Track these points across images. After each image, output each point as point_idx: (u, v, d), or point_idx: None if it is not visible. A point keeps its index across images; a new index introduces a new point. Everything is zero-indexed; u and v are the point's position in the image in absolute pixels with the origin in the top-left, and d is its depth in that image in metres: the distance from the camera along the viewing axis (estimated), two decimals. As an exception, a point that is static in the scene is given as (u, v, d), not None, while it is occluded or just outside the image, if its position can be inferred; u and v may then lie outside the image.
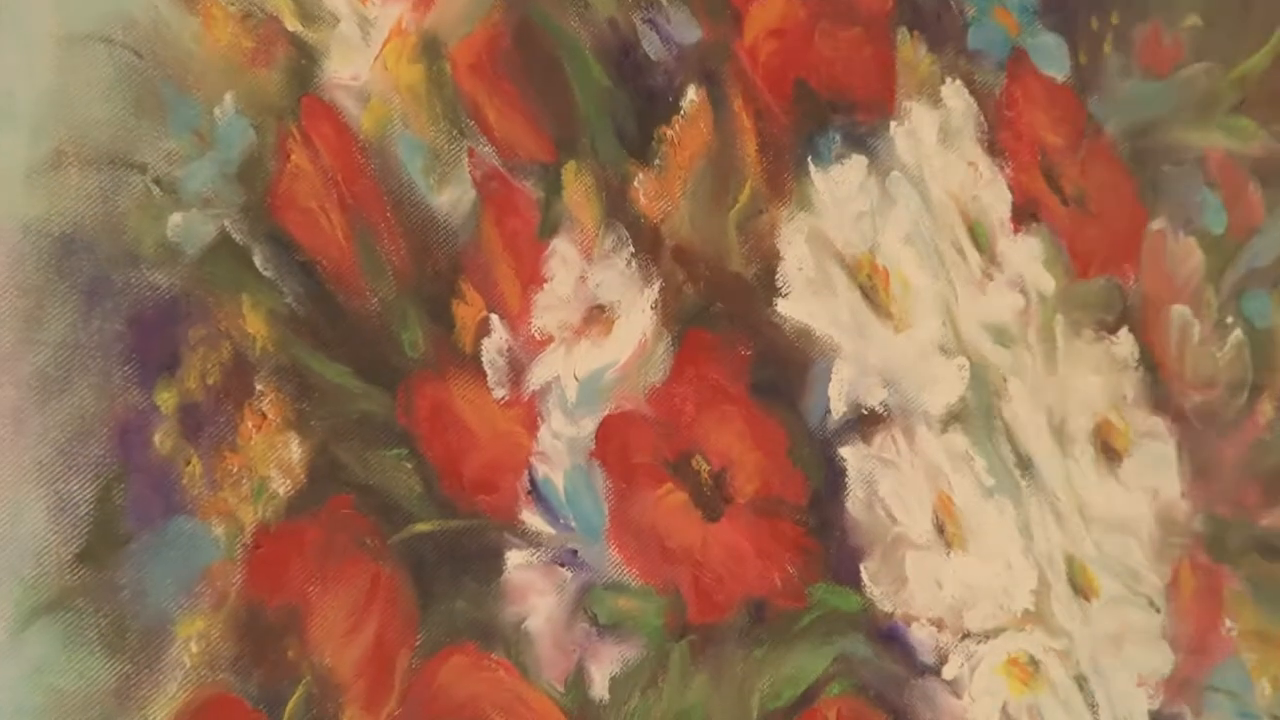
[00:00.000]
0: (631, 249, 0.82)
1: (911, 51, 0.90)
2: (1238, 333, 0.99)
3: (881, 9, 0.90)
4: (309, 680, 0.73)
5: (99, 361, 0.70)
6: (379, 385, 0.76)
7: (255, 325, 0.73)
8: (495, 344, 0.78)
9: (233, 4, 0.73)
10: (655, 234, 0.83)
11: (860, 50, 0.89)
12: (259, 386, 0.73)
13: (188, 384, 0.71)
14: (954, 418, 0.89)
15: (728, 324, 0.84)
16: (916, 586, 0.87)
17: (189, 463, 0.71)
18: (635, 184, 0.83)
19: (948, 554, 0.88)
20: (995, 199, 0.92)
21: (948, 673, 0.88)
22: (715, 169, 0.85)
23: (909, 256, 0.89)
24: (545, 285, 0.80)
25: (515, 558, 0.78)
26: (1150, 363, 0.96)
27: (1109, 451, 0.94)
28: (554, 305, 0.80)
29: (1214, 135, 0.99)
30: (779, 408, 0.85)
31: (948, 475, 0.88)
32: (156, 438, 0.71)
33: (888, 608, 0.87)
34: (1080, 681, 0.91)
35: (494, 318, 0.79)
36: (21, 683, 0.68)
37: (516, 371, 0.79)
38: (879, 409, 0.87)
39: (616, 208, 0.82)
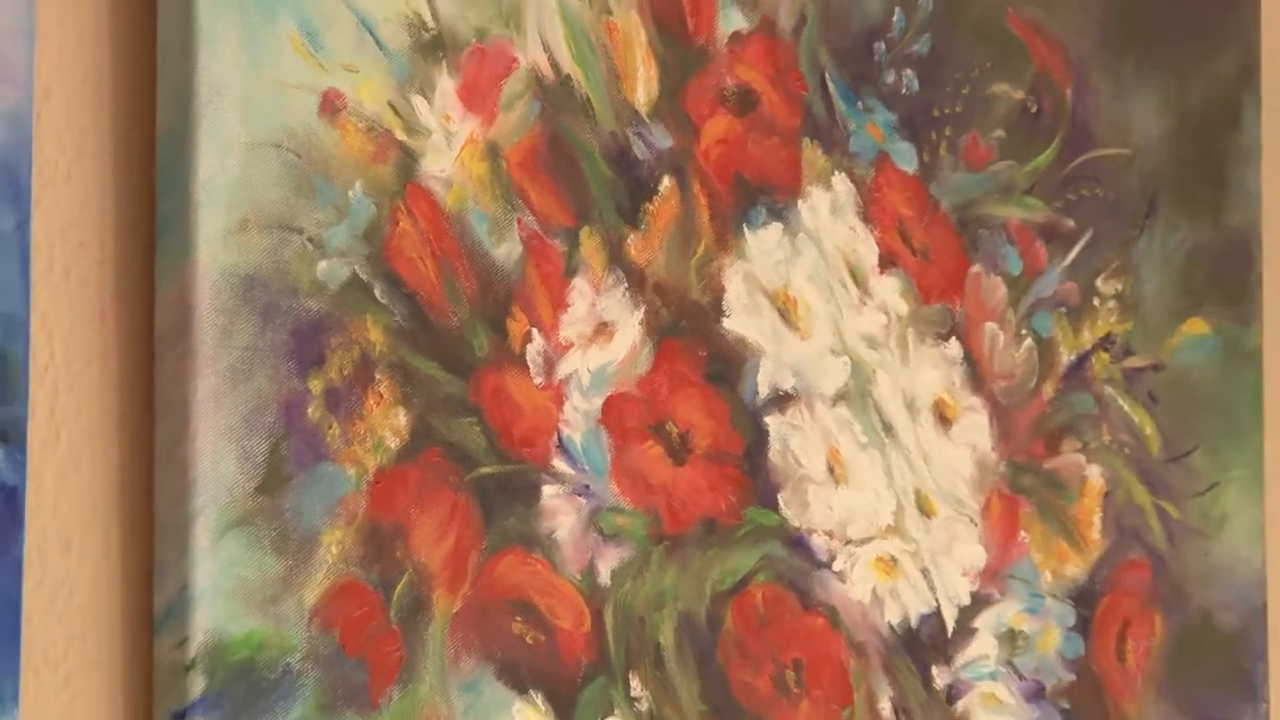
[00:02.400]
0: (626, 285, 0.87)
1: (812, 153, 0.94)
2: (1029, 341, 1.03)
3: (792, 125, 0.93)
4: (411, 571, 0.78)
5: (271, 359, 0.75)
6: (458, 376, 0.81)
7: (375, 335, 0.78)
8: (535, 348, 0.84)
9: (360, 121, 0.77)
10: (642, 275, 0.87)
11: (778, 153, 0.93)
12: (378, 376, 0.78)
13: (330, 374, 0.77)
14: (840, 397, 0.94)
15: (690, 335, 0.89)
16: (815, 509, 0.93)
17: (331, 427, 0.76)
18: (628, 242, 0.87)
19: (836, 488, 0.94)
20: (867, 251, 0.96)
21: (836, 566, 0.94)
22: (681, 231, 0.89)
23: (810, 290, 0.93)
24: (568, 309, 0.85)
25: (549, 490, 0.83)
26: (971, 360, 1.00)
27: (943, 420, 0.99)
28: (574, 322, 0.85)
29: (1013, 209, 1.03)
30: (724, 390, 0.90)
31: (836, 435, 0.94)
32: (309, 410, 0.76)
33: (796, 524, 0.92)
34: (925, 572, 0.97)
35: (534, 330, 0.83)
36: (219, 574, 0.72)
37: (549, 366, 0.84)
38: (791, 391, 0.92)
39: (616, 257, 0.86)
